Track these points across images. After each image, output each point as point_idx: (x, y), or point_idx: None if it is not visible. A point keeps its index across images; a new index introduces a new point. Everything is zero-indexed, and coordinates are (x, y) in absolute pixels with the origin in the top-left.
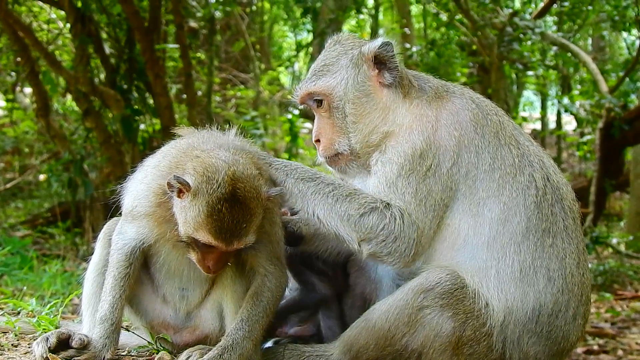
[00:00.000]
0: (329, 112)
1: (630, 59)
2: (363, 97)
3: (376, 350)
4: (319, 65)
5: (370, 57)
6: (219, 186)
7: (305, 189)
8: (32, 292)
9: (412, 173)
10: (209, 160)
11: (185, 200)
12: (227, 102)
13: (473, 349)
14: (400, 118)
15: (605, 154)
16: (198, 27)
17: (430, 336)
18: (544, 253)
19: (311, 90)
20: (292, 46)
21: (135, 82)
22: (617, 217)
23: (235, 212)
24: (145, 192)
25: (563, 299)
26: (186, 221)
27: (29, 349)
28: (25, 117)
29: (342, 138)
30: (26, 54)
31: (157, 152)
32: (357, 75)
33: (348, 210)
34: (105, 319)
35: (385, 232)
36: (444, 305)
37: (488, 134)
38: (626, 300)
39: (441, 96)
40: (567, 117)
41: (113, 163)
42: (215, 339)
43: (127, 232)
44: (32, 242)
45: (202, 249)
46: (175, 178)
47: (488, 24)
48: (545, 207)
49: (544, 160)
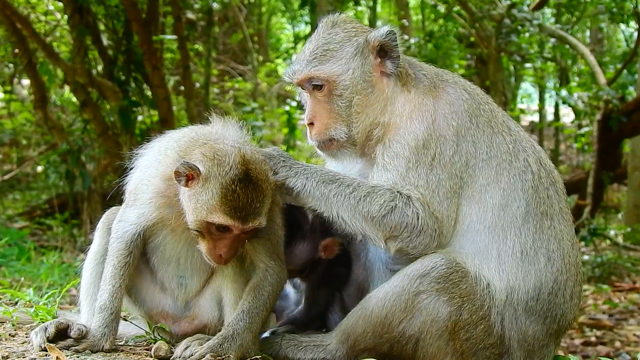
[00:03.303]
0: (328, 97)
1: (628, 51)
2: (369, 88)
3: (374, 338)
4: (319, 49)
5: (376, 45)
6: (231, 168)
7: (327, 192)
8: (30, 283)
9: (420, 164)
10: (217, 145)
11: (195, 186)
12: (225, 94)
13: (470, 333)
14: (399, 108)
15: (603, 146)
16: (196, 19)
17: (427, 321)
18: (544, 235)
19: (314, 75)
20: (290, 38)
21: (133, 74)
22: (615, 209)
23: (249, 192)
24: (151, 176)
25: (562, 278)
26: (198, 207)
27: (26, 339)
28: (23, 109)
29: (338, 124)
30: (24, 45)
31: (163, 138)
32: (364, 65)
33: (371, 212)
34: (104, 307)
35: (409, 228)
36: (440, 289)
37: (482, 124)
38: (624, 292)
39: (436, 85)
40: (565, 109)
41: (111, 154)
42: (214, 328)
43: (128, 218)
44: (30, 233)
45: (215, 234)
46: (184, 164)
47: (486, 16)
48: (541, 190)
49: (534, 145)
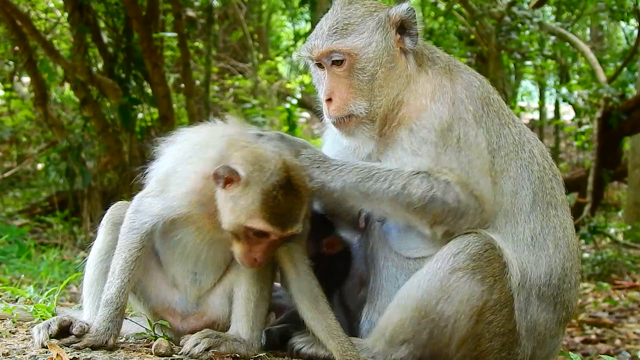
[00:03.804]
0: (349, 72)
1: (628, 48)
2: (392, 62)
3: (412, 325)
4: (339, 23)
5: (397, 21)
6: (272, 174)
7: (366, 190)
8: (30, 281)
9: (448, 147)
10: (258, 150)
11: (234, 190)
12: (225, 92)
13: (494, 316)
14: (421, 88)
15: (603, 143)
16: (196, 17)
17: (464, 300)
18: (550, 222)
19: (336, 49)
20: (290, 36)
21: (133, 71)
22: (615, 207)
23: (290, 199)
24: (190, 172)
25: (568, 265)
26: (236, 210)
27: (27, 336)
28: (23, 106)
29: (359, 100)
30: (24, 43)
31: (200, 130)
32: (386, 39)
33: (412, 203)
34: (110, 302)
35: (452, 212)
36: (475, 267)
37: (492, 113)
38: (624, 290)
39: (451, 69)
40: (565, 107)
41: (111, 152)
42: (223, 324)
43: (149, 209)
44: (30, 230)
45: (252, 238)
46: (225, 167)
47: (486, 14)
48: (546, 181)
49: (536, 138)
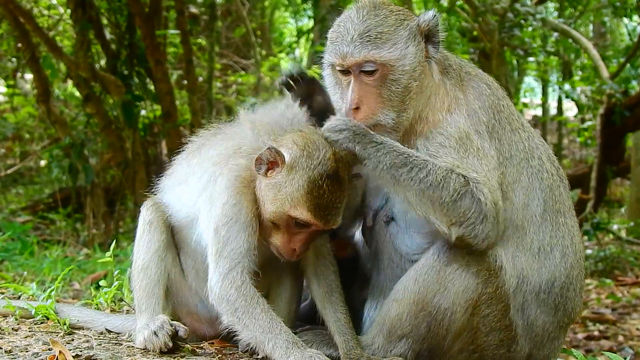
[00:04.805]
0: (381, 82)
1: (631, 45)
2: (422, 74)
3: (410, 319)
4: (371, 31)
5: (425, 30)
6: (320, 163)
7: (399, 175)
8: (33, 278)
9: (469, 154)
10: (310, 136)
11: (278, 175)
12: (228, 88)
13: (490, 309)
14: (439, 102)
15: (606, 140)
16: (199, 13)
17: (459, 292)
18: (559, 231)
19: (372, 59)
20: (293, 32)
21: (135, 68)
22: (618, 204)
23: (335, 191)
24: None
25: (574, 273)
26: (280, 197)
27: (29, 333)
28: (26, 103)
29: (387, 110)
30: (27, 39)
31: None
32: (417, 50)
33: (442, 197)
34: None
35: (476, 213)
36: (469, 260)
37: (503, 121)
38: (627, 287)
39: (462, 78)
40: (568, 104)
41: (114, 149)
42: None
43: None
44: (33, 227)
45: (293, 228)
46: (270, 149)
47: (489, 10)
48: (555, 188)
49: (542, 140)
